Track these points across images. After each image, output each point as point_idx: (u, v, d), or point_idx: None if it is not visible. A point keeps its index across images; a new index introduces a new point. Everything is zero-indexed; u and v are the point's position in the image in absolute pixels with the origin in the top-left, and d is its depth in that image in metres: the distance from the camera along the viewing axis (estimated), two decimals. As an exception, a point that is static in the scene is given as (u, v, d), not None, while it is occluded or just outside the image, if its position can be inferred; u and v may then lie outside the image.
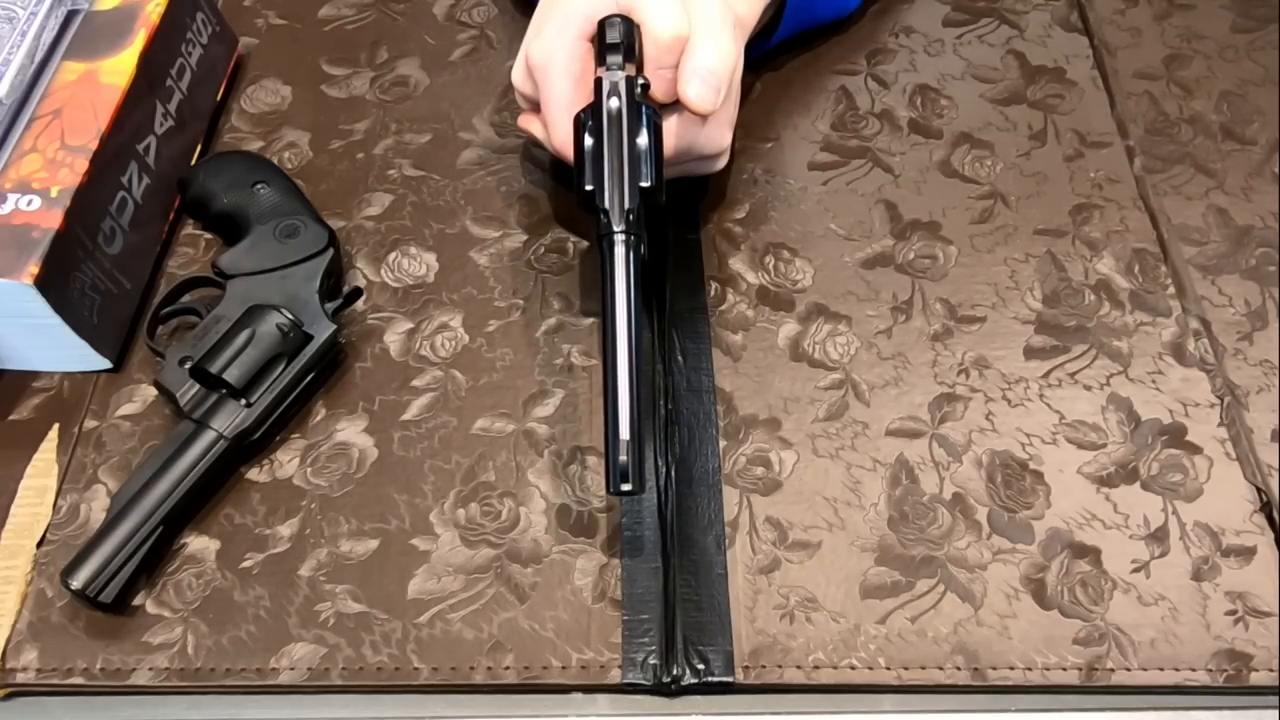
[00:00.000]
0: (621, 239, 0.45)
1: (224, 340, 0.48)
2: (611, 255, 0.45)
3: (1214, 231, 0.57)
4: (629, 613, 0.44)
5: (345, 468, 0.48)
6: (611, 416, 0.42)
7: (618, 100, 0.47)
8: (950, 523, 0.47)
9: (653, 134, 0.48)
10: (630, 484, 0.41)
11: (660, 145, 0.48)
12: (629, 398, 0.43)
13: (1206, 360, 0.52)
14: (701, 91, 0.48)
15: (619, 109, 0.47)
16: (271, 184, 0.55)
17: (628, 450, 0.42)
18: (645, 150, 0.47)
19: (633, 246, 0.46)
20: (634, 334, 0.44)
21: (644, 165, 0.47)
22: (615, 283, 0.45)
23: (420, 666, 0.43)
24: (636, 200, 0.46)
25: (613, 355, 0.43)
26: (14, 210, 0.47)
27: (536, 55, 0.51)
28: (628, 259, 0.45)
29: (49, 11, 0.55)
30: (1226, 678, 0.43)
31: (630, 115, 0.47)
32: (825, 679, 0.43)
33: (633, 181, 0.46)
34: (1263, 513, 0.47)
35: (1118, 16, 0.68)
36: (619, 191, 0.46)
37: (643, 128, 0.47)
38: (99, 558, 0.43)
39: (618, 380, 0.43)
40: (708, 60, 0.49)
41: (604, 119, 0.47)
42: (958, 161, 0.61)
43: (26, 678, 0.43)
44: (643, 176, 0.47)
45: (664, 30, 0.48)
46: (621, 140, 0.47)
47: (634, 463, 0.42)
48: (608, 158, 0.47)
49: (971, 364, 0.52)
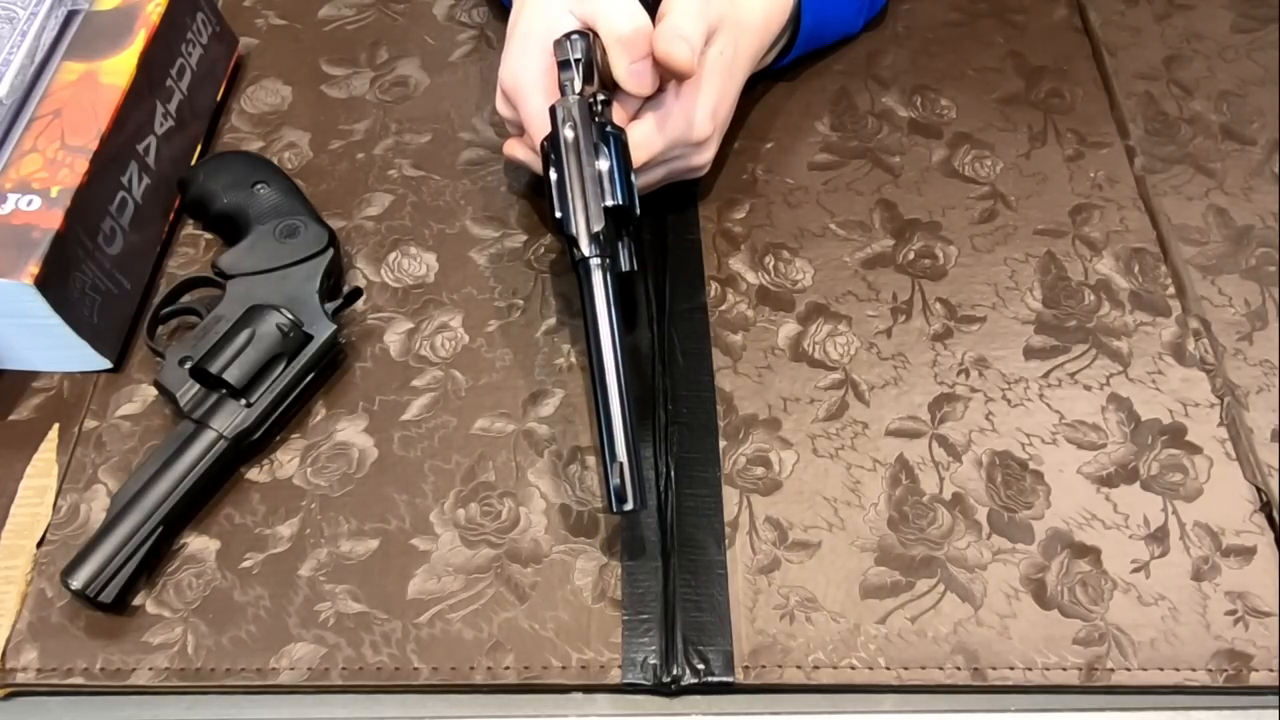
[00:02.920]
0: (596, 264, 0.46)
1: (224, 340, 0.48)
2: (589, 280, 0.46)
3: (1214, 231, 0.57)
4: (629, 613, 0.44)
5: (345, 468, 0.48)
6: (606, 439, 0.43)
7: (572, 127, 0.48)
8: (950, 523, 0.47)
9: (616, 150, 0.48)
10: (630, 503, 0.42)
11: (626, 160, 0.48)
12: (621, 418, 0.43)
13: (1206, 360, 0.52)
14: (676, 47, 0.48)
15: (574, 136, 0.48)
16: (271, 184, 0.55)
17: (621, 473, 0.42)
18: (608, 170, 0.47)
19: (606, 268, 0.46)
20: (619, 355, 0.44)
21: (607, 185, 0.47)
22: (595, 306, 0.45)
23: (420, 666, 0.43)
24: (602, 223, 0.46)
25: (601, 379, 0.44)
26: (14, 210, 0.47)
27: (506, 78, 0.52)
28: (605, 282, 0.46)
29: (49, 11, 0.55)
30: (1226, 678, 0.43)
31: (586, 139, 0.47)
32: (825, 679, 0.43)
33: (597, 204, 0.46)
34: (1263, 513, 0.47)
35: (1118, 16, 0.68)
36: (584, 217, 0.46)
37: (603, 147, 0.47)
38: (99, 558, 0.43)
39: (609, 402, 0.43)
40: (678, 23, 0.48)
41: (562, 148, 0.48)
42: (958, 161, 0.61)
43: (26, 678, 0.43)
44: (607, 196, 0.47)
45: (622, 26, 0.48)
46: (580, 166, 0.47)
47: (633, 482, 0.42)
48: (570, 185, 0.47)
49: (971, 364, 0.52)
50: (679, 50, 0.48)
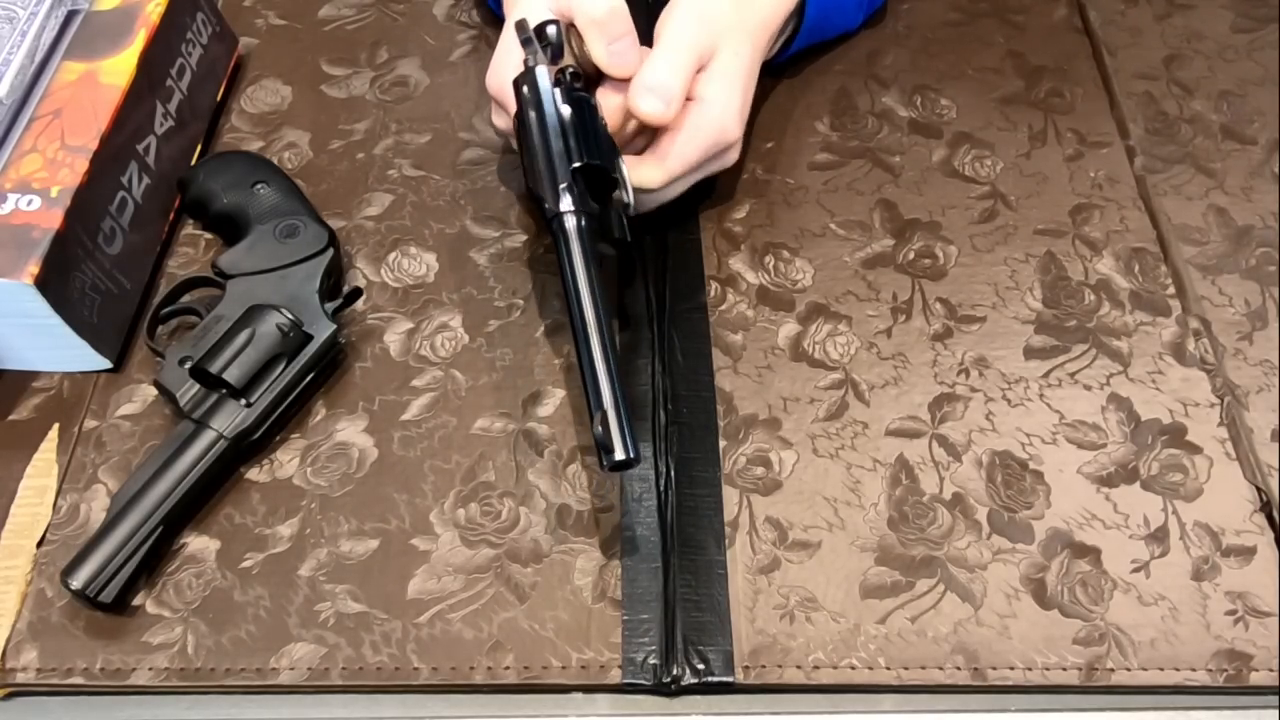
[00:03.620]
0: (570, 218, 0.45)
1: (224, 340, 0.48)
2: (563, 234, 0.45)
3: (1214, 231, 0.57)
4: (629, 613, 0.44)
5: (345, 468, 0.48)
6: (593, 393, 0.42)
7: (533, 90, 0.48)
8: (950, 523, 0.47)
9: (579, 109, 0.48)
10: (619, 452, 0.41)
11: (594, 122, 0.48)
12: (605, 369, 0.43)
13: (1206, 360, 0.52)
14: (652, 104, 0.49)
15: (536, 98, 0.48)
16: (271, 184, 0.55)
17: (605, 421, 0.41)
18: (570, 126, 0.47)
19: (582, 222, 0.45)
20: (599, 307, 0.44)
21: (573, 144, 0.46)
22: (573, 260, 0.45)
23: (420, 666, 0.43)
24: (569, 180, 0.46)
25: (584, 334, 0.43)
26: (14, 210, 0.47)
27: (492, 86, 0.53)
28: (580, 233, 0.45)
29: (49, 11, 0.55)
30: (1226, 678, 0.43)
31: (549, 101, 0.47)
32: (825, 679, 0.43)
33: (564, 163, 0.46)
34: (1263, 513, 0.47)
35: (1118, 16, 0.68)
36: (549, 175, 0.46)
37: (568, 109, 0.47)
38: (99, 558, 0.43)
39: (592, 355, 0.43)
40: (657, 75, 0.49)
41: (523, 112, 0.48)
42: (958, 161, 0.61)
43: (26, 678, 0.43)
44: (573, 156, 0.46)
45: (595, 8, 0.49)
46: (545, 129, 0.47)
47: (621, 432, 0.41)
48: (534, 148, 0.47)
49: (971, 364, 0.52)
50: (647, 105, 0.49)
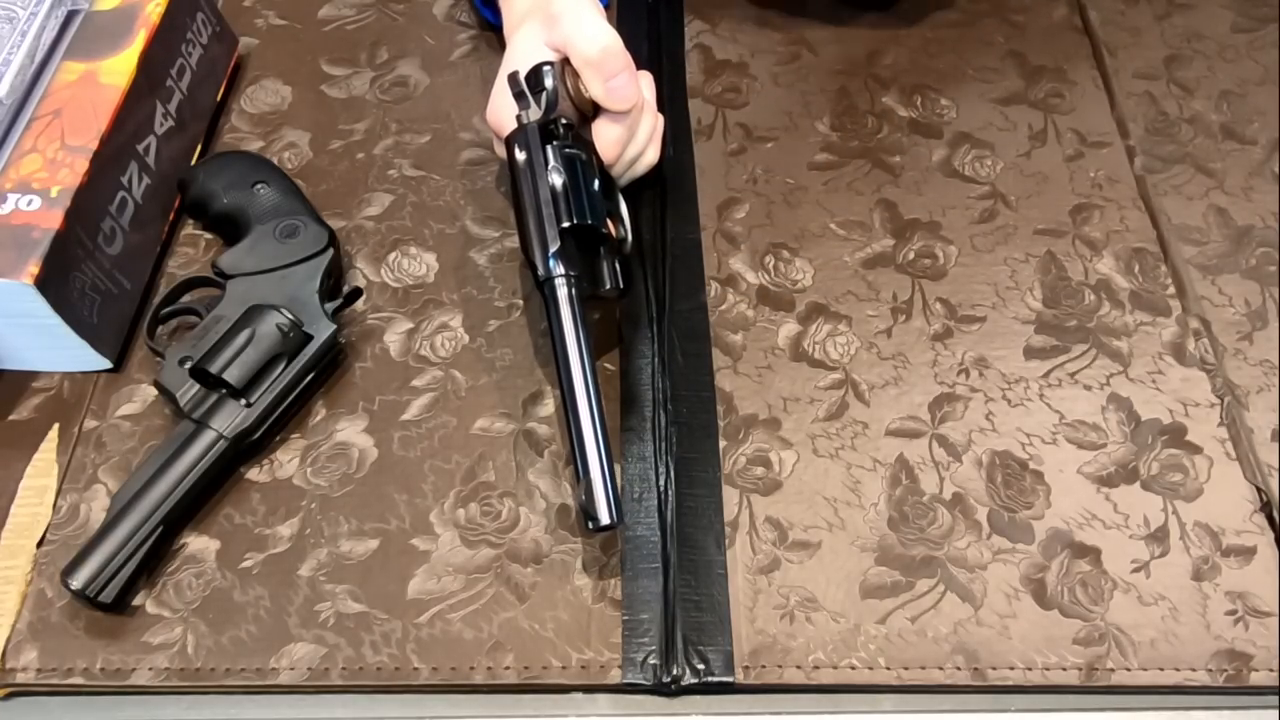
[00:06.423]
0: (560, 282, 0.46)
1: (224, 340, 0.48)
2: (553, 299, 0.46)
3: (1214, 231, 0.57)
4: (629, 613, 0.44)
5: (345, 468, 0.48)
6: (580, 460, 0.43)
7: (524, 149, 0.49)
8: (950, 523, 0.47)
9: (572, 170, 0.48)
10: (605, 519, 0.42)
11: (587, 180, 0.48)
12: (594, 441, 0.43)
13: (1206, 360, 0.52)
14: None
15: (526, 158, 0.48)
16: (271, 184, 0.55)
17: (590, 491, 0.42)
18: (562, 190, 0.47)
19: (572, 287, 0.46)
20: (590, 375, 0.44)
21: (562, 205, 0.47)
22: (563, 325, 0.45)
23: (420, 666, 0.43)
24: (559, 243, 0.46)
25: (572, 400, 0.44)
26: (14, 210, 0.47)
27: (491, 121, 0.54)
28: (570, 300, 0.46)
29: (49, 11, 0.55)
30: (1226, 678, 0.43)
31: (539, 161, 0.48)
32: (825, 679, 0.43)
33: (553, 226, 0.47)
34: (1263, 513, 0.47)
35: (1118, 16, 0.69)
36: (538, 239, 0.47)
37: (559, 169, 0.48)
38: (99, 558, 0.43)
39: (580, 424, 0.44)
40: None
41: (515, 172, 0.49)
42: (958, 161, 0.61)
43: (26, 678, 0.43)
44: (562, 217, 0.47)
45: (588, 49, 0.50)
46: (536, 189, 0.48)
47: (607, 498, 0.42)
48: (525, 208, 0.48)
49: (971, 364, 0.52)
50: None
